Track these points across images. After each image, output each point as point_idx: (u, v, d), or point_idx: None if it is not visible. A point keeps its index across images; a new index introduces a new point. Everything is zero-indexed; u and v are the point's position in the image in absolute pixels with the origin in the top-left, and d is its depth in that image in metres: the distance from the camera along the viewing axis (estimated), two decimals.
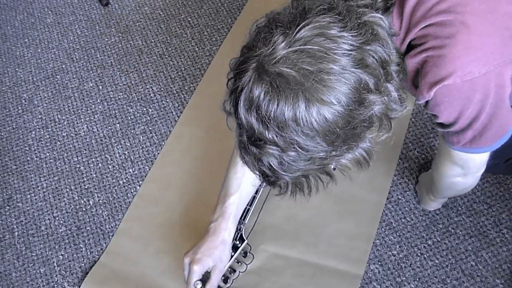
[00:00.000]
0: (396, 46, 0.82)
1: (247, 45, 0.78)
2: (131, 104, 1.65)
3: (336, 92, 0.72)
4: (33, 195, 1.50)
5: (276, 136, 0.73)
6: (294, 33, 0.73)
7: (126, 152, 1.55)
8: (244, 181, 1.16)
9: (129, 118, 1.62)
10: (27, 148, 1.60)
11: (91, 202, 1.47)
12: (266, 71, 0.72)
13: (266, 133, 0.73)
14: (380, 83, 0.76)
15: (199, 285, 1.13)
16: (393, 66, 0.79)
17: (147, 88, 1.68)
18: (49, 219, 1.45)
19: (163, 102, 1.63)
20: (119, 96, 1.67)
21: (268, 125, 0.73)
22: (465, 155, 0.95)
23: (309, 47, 0.72)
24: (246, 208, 1.31)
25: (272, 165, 0.76)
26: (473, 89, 0.80)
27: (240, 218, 1.30)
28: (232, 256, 1.25)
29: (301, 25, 0.73)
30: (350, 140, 0.77)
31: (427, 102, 0.85)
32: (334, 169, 0.83)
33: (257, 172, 0.81)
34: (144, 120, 1.61)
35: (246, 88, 0.73)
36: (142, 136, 1.58)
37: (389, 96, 0.78)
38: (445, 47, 0.78)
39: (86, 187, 1.50)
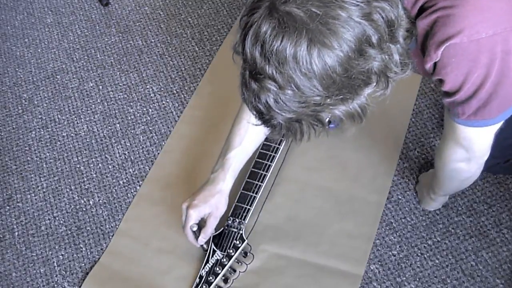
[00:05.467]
0: (407, 10, 0.84)
1: None
2: (131, 104, 1.65)
3: (338, 37, 0.74)
4: (33, 195, 1.50)
5: (276, 71, 0.76)
6: None
7: (126, 152, 1.55)
8: (247, 138, 1.22)
9: (129, 118, 1.62)
10: (27, 148, 1.60)
11: (91, 202, 1.47)
12: (276, 9, 0.75)
13: (267, 68, 0.76)
14: (383, 41, 0.78)
15: (195, 228, 1.21)
16: (401, 31, 0.81)
17: (147, 88, 1.68)
18: (49, 219, 1.45)
19: (163, 102, 1.63)
20: (119, 96, 1.67)
21: (270, 60, 0.75)
22: (470, 132, 0.95)
23: None
24: (246, 208, 1.31)
25: (268, 102, 0.79)
26: (479, 51, 0.82)
27: (240, 218, 1.30)
28: (232, 257, 1.26)
29: None
30: (346, 90, 0.79)
31: (434, 66, 0.86)
32: (329, 122, 0.85)
33: (253, 110, 0.83)
34: (144, 120, 1.61)
35: (256, 24, 0.76)
36: (142, 136, 1.58)
37: (391, 57, 0.80)
38: (455, 7, 0.81)
39: (86, 187, 1.50)
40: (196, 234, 1.23)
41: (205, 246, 1.26)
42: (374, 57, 0.77)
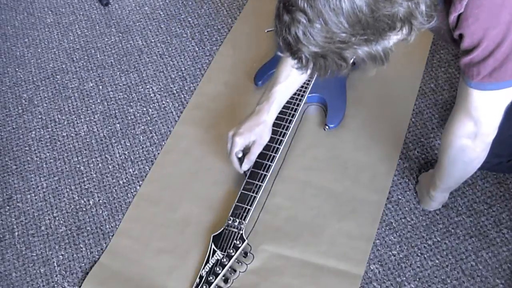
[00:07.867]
0: None
1: None
2: (131, 104, 1.65)
3: None
4: (33, 195, 1.50)
5: (307, 4, 0.81)
6: None
7: (126, 152, 1.55)
8: (292, 74, 1.28)
9: (129, 118, 1.62)
10: (27, 148, 1.60)
11: (91, 202, 1.47)
12: None
13: (299, 1, 0.82)
14: None
15: (240, 154, 1.32)
16: None
17: (147, 88, 1.68)
18: (49, 219, 1.45)
19: (163, 102, 1.63)
20: (119, 96, 1.67)
21: None
22: (482, 100, 0.97)
23: None
24: (246, 208, 1.31)
25: (297, 34, 0.84)
26: (502, 5, 0.85)
27: (240, 218, 1.30)
28: (232, 257, 1.26)
29: None
30: (370, 31, 0.83)
31: (458, 19, 0.89)
32: (354, 64, 0.89)
33: (283, 42, 0.89)
34: (144, 120, 1.61)
35: None
36: (142, 136, 1.58)
37: (417, 5, 0.83)
38: None
39: (86, 187, 1.50)
40: (241, 161, 1.32)
41: (247, 172, 1.37)
42: (400, 3, 0.81)
